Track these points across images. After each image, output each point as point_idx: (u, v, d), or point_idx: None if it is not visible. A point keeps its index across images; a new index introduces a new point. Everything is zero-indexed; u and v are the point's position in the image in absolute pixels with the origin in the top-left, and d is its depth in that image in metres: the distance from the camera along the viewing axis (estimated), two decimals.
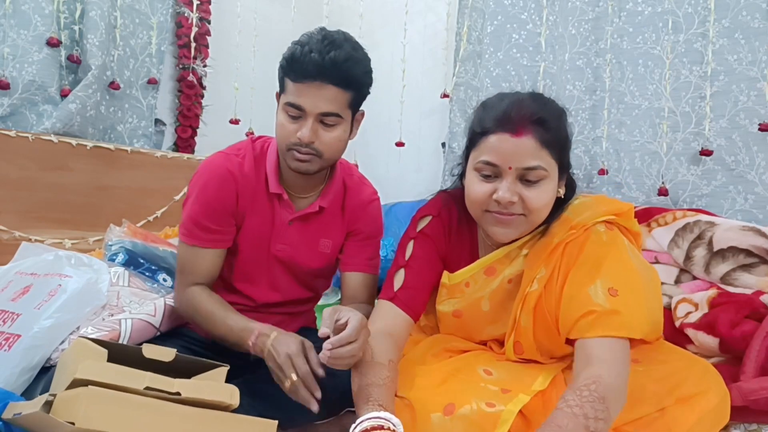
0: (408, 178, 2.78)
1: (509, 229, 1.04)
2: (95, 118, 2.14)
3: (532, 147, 0.98)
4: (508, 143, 0.98)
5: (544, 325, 1.04)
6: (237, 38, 2.64)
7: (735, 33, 1.87)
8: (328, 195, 1.27)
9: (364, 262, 1.32)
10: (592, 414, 0.83)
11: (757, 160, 1.84)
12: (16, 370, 1.17)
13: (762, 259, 1.59)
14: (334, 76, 1.09)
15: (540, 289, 1.04)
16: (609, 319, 0.95)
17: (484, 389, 0.98)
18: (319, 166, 1.18)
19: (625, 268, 1.01)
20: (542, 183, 1.00)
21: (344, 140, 1.19)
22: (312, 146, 1.14)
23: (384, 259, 2.14)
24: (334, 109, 1.12)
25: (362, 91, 1.18)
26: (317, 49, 1.08)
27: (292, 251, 1.27)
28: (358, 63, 1.13)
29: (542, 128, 0.98)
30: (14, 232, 1.83)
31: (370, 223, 1.33)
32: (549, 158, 1.00)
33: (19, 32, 1.97)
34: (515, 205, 1.00)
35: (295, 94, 1.11)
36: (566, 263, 1.03)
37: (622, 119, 2.07)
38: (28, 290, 1.32)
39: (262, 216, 1.24)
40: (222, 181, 1.21)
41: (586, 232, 1.04)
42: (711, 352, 1.39)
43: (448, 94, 2.46)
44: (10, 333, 1.20)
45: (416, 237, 1.17)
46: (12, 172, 1.86)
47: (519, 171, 0.99)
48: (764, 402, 1.16)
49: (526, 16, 2.24)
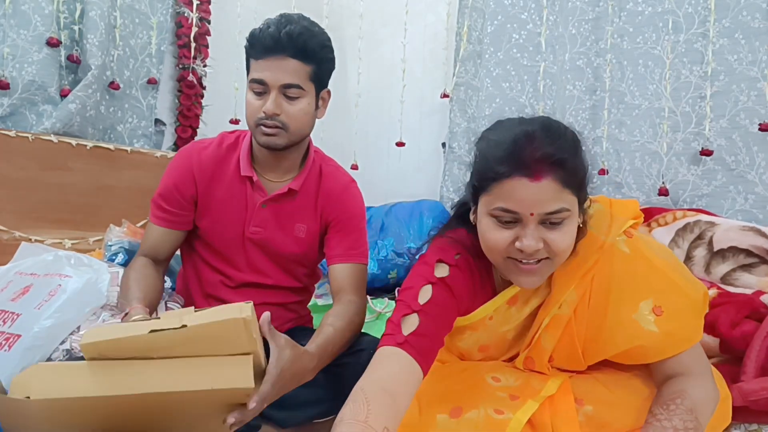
0: (408, 178, 2.78)
1: (535, 277, 0.95)
2: (95, 118, 2.14)
3: (553, 190, 0.89)
4: (526, 189, 0.88)
5: (567, 349, 1.01)
6: (237, 38, 2.63)
7: (735, 33, 1.87)
8: (300, 178, 1.29)
9: (347, 251, 1.30)
10: (681, 425, 0.86)
11: (757, 160, 1.84)
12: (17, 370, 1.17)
13: (762, 259, 1.59)
14: (292, 48, 1.16)
15: (569, 313, 0.99)
16: (664, 344, 0.95)
17: (493, 395, 0.97)
18: (287, 139, 1.21)
19: (657, 275, 0.98)
20: (566, 223, 0.92)
21: (309, 114, 1.23)
22: (277, 119, 1.18)
23: (384, 259, 2.16)
24: (294, 81, 1.17)
25: (323, 66, 1.22)
26: (274, 24, 1.17)
27: (266, 234, 1.29)
28: (315, 36, 1.19)
29: (561, 169, 0.89)
30: (14, 232, 1.82)
31: (347, 211, 1.33)
32: (571, 197, 0.91)
33: (19, 32, 1.97)
34: (540, 250, 0.92)
35: (258, 69, 1.18)
36: (597, 288, 0.99)
37: (623, 119, 2.07)
38: (28, 290, 1.32)
39: (235, 199, 1.28)
40: (178, 166, 1.29)
41: (610, 250, 0.99)
42: (711, 352, 1.39)
43: (448, 94, 2.45)
44: (10, 333, 1.21)
45: (436, 282, 0.99)
46: (12, 172, 1.86)
47: (542, 216, 0.90)
48: (765, 402, 1.16)
49: (527, 16, 2.24)
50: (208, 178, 1.28)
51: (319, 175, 1.33)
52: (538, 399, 0.95)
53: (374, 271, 2.11)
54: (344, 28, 2.89)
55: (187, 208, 1.28)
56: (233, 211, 1.29)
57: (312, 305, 2.02)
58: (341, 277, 1.27)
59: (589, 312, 0.99)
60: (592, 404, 0.96)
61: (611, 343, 0.97)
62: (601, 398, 0.98)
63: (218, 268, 1.31)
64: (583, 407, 0.96)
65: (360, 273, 1.30)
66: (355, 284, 1.27)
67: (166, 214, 1.28)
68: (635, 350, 0.96)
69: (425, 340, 0.92)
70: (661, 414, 0.87)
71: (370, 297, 2.03)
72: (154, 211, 1.29)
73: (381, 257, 2.13)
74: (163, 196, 1.28)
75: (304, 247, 1.32)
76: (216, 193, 1.28)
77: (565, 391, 0.99)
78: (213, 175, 1.28)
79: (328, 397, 1.16)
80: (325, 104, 1.29)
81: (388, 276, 2.14)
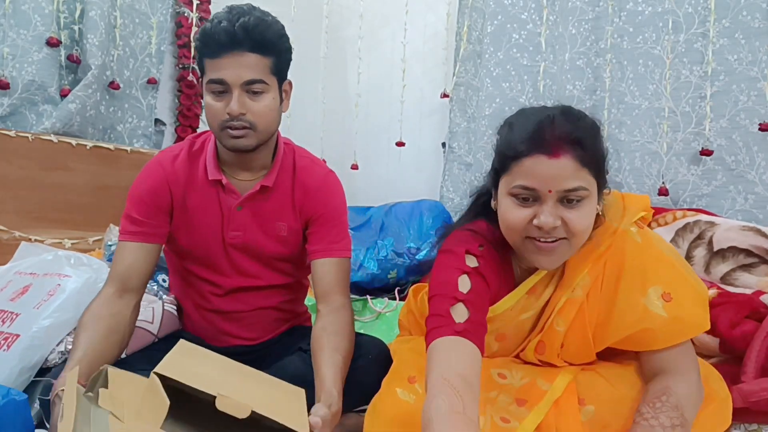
0: (408, 178, 2.78)
1: (553, 256, 0.96)
2: (95, 118, 2.14)
3: (571, 167, 0.91)
4: (545, 165, 0.91)
5: (579, 334, 1.02)
6: None
7: (735, 33, 1.87)
8: (272, 175, 1.23)
9: (329, 246, 1.25)
10: (669, 423, 0.87)
11: (757, 160, 1.84)
12: (15, 370, 1.17)
13: (762, 259, 1.59)
14: (249, 41, 1.09)
15: (582, 297, 1.01)
16: (672, 329, 0.96)
17: (498, 400, 0.98)
18: (257, 139, 1.15)
19: (667, 265, 1.01)
20: (584, 203, 0.93)
21: (275, 109, 1.17)
22: (244, 119, 1.12)
23: (384, 259, 2.16)
24: (257, 76, 1.11)
25: (282, 57, 1.17)
26: (226, 18, 1.09)
27: (247, 237, 1.24)
28: (270, 26, 1.12)
29: (580, 147, 0.92)
30: (14, 232, 1.83)
31: (327, 205, 1.27)
32: (589, 177, 0.93)
33: (19, 32, 1.97)
34: (557, 228, 0.93)
35: (215, 69, 1.11)
36: (609, 273, 1.01)
37: (623, 119, 2.07)
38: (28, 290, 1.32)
39: (207, 205, 1.23)
40: (151, 173, 1.22)
41: (622, 236, 1.02)
42: (711, 352, 1.39)
43: (448, 94, 2.45)
44: (9, 333, 1.21)
45: (470, 272, 1.00)
46: (12, 172, 1.86)
47: (560, 193, 0.92)
48: (765, 403, 1.16)
49: (527, 16, 2.24)
50: (182, 187, 1.22)
51: (293, 169, 1.27)
52: (543, 405, 0.96)
53: (374, 271, 2.10)
54: (344, 28, 2.89)
55: (162, 218, 1.21)
56: (209, 218, 1.23)
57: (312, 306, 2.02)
58: (326, 273, 1.22)
59: (600, 296, 1.00)
60: (594, 404, 0.97)
61: (621, 326, 0.98)
62: (602, 396, 0.99)
63: (205, 277, 1.27)
64: (585, 407, 0.97)
65: (344, 268, 1.25)
66: (341, 283, 1.23)
67: (141, 226, 1.19)
68: (643, 334, 0.97)
69: (478, 327, 0.93)
70: (648, 413, 0.89)
71: (370, 297, 2.03)
72: (127, 227, 1.19)
73: (381, 257, 2.13)
74: (136, 208, 1.19)
75: (289, 245, 1.28)
76: (190, 202, 1.23)
77: (570, 392, 0.99)
78: (186, 183, 1.22)
79: None
80: (288, 96, 1.23)
81: (387, 276, 2.13)
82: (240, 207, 1.23)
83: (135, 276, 1.17)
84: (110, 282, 1.16)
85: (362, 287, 2.10)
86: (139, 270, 1.17)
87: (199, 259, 1.26)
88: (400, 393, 1.01)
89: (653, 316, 0.95)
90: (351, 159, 2.69)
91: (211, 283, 1.27)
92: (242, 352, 1.29)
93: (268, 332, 1.34)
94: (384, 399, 1.02)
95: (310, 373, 1.11)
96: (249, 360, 1.31)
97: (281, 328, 1.37)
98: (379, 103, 2.85)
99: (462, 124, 2.41)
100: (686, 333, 0.98)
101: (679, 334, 0.97)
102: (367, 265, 2.11)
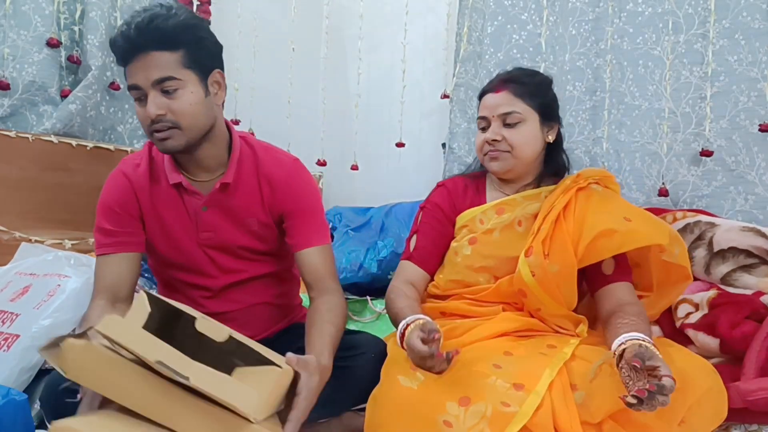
0: (408, 179, 2.77)
1: (499, 162, 1.34)
2: (95, 118, 2.14)
3: (508, 98, 1.33)
4: (491, 99, 1.35)
5: (560, 241, 1.23)
6: (237, 38, 2.63)
7: (735, 34, 1.87)
8: (231, 171, 1.21)
9: (312, 236, 1.24)
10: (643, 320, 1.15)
11: (757, 161, 1.84)
12: (15, 370, 1.18)
13: (762, 260, 1.59)
14: (148, 41, 1.07)
15: (560, 209, 1.27)
16: (631, 236, 1.20)
17: (497, 386, 1.03)
18: (185, 138, 1.12)
19: (630, 206, 1.33)
20: (520, 125, 1.33)
21: (198, 104, 1.12)
22: (165, 119, 1.09)
23: (384, 259, 2.16)
24: (165, 74, 1.08)
25: (194, 47, 1.12)
26: (126, 24, 1.08)
27: (219, 237, 1.23)
28: (168, 19, 1.08)
29: (516, 84, 1.34)
30: (14, 232, 1.83)
31: (298, 198, 1.25)
32: (524, 105, 1.33)
33: (19, 33, 1.98)
34: (501, 143, 1.33)
35: (129, 76, 1.10)
36: (580, 203, 1.27)
37: (623, 120, 2.07)
38: (28, 290, 1.33)
39: (174, 209, 1.22)
40: (116, 183, 1.22)
41: (588, 189, 1.31)
42: (711, 352, 1.39)
43: (448, 95, 2.45)
44: (9, 333, 1.21)
45: (424, 206, 1.45)
46: (12, 173, 1.86)
47: (500, 117, 1.33)
48: (764, 403, 1.16)
49: (527, 17, 2.24)
50: (148, 194, 1.21)
51: (255, 162, 1.25)
52: (540, 388, 1.02)
53: (374, 271, 2.10)
54: (344, 28, 2.89)
55: (135, 225, 1.21)
56: (179, 222, 1.22)
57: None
58: (312, 263, 1.22)
59: (574, 215, 1.26)
60: (585, 389, 1.03)
61: (592, 227, 1.21)
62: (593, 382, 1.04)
63: (192, 282, 1.27)
64: (577, 392, 1.03)
65: (328, 254, 1.26)
66: (328, 269, 1.23)
67: (115, 237, 1.18)
68: (609, 235, 1.19)
69: (424, 251, 1.39)
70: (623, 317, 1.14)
71: (370, 297, 2.03)
72: (100, 240, 1.18)
73: (381, 257, 2.13)
74: (107, 219, 1.19)
75: (264, 239, 1.27)
76: (158, 208, 1.22)
77: (563, 376, 1.05)
78: (151, 189, 1.21)
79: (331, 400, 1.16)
80: (221, 87, 1.19)
81: (388, 276, 2.13)
82: (205, 207, 1.22)
83: (122, 287, 1.17)
84: (99, 294, 1.15)
85: (362, 287, 2.10)
86: (123, 280, 1.17)
87: (181, 265, 1.25)
88: (402, 380, 1.03)
89: (619, 222, 1.21)
90: (351, 159, 2.69)
91: (199, 287, 1.27)
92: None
93: (265, 329, 1.34)
94: (386, 387, 1.04)
95: None
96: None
97: (279, 325, 1.37)
98: (379, 103, 2.84)
99: (462, 125, 2.41)
100: (641, 240, 1.21)
101: (643, 237, 1.21)
102: (368, 265, 2.11)
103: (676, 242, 1.26)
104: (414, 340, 1.05)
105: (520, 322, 1.26)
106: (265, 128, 2.59)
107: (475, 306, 1.32)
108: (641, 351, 0.97)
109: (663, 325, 1.52)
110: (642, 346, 0.99)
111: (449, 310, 1.35)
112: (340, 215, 2.43)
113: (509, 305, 1.31)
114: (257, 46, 2.65)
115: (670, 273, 1.31)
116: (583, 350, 1.14)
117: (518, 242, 1.30)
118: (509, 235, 1.34)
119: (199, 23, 1.14)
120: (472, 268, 1.34)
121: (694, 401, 1.00)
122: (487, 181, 1.45)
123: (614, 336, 1.07)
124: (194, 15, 1.16)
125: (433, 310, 1.36)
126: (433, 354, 1.01)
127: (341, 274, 2.07)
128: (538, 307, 1.25)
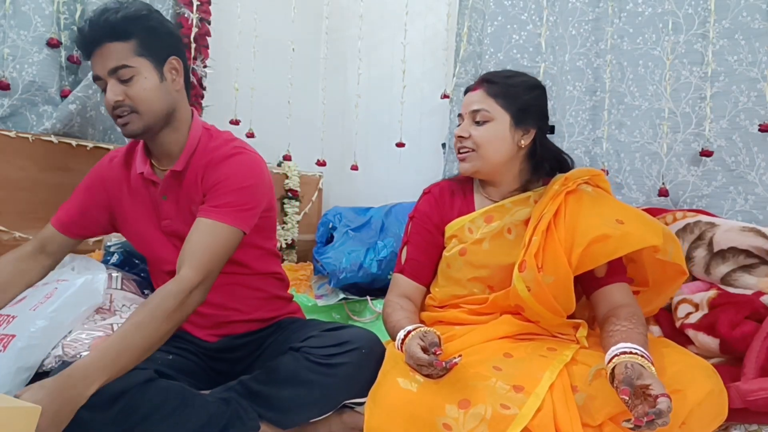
0: (408, 179, 2.77)
1: (467, 162, 1.34)
2: (95, 118, 2.14)
3: (480, 96, 1.34)
4: (468, 96, 1.37)
5: (552, 250, 1.20)
6: (237, 38, 2.63)
7: (735, 34, 1.87)
8: (183, 159, 1.25)
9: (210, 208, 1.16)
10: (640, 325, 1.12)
11: (757, 161, 1.84)
12: (12, 370, 1.17)
13: (762, 260, 1.59)
14: (100, 34, 1.14)
15: (550, 217, 1.24)
16: (624, 241, 1.17)
17: (496, 389, 1.02)
18: (143, 122, 1.19)
19: (622, 205, 1.31)
20: (488, 124, 1.32)
21: (153, 89, 1.18)
22: (124, 104, 1.16)
23: (384, 259, 2.15)
24: (117, 63, 1.15)
25: (146, 36, 1.17)
26: (84, 22, 1.17)
27: (175, 225, 1.27)
28: (118, 11, 1.15)
29: (490, 83, 1.34)
30: (14, 232, 1.82)
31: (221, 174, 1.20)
32: (495, 105, 1.32)
33: (19, 33, 1.97)
34: (467, 140, 1.33)
35: (92, 68, 1.18)
36: (571, 208, 1.25)
37: (623, 120, 2.07)
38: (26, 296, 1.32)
39: (140, 200, 1.29)
40: (90, 175, 1.35)
41: (578, 191, 1.28)
42: (711, 353, 1.38)
43: (448, 95, 2.45)
44: (4, 334, 1.21)
45: (412, 217, 1.45)
46: (12, 173, 1.85)
47: (471, 114, 1.33)
48: (763, 403, 1.16)
49: (527, 17, 2.24)
50: (118, 186, 1.29)
51: (206, 151, 1.27)
52: (540, 390, 1.01)
53: (374, 271, 2.10)
54: (344, 28, 2.89)
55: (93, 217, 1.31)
56: (145, 211, 1.28)
57: (312, 306, 2.02)
58: (191, 236, 1.13)
59: (564, 222, 1.23)
60: (585, 391, 1.03)
61: (584, 234, 1.18)
62: (593, 384, 1.04)
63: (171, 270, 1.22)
64: (577, 393, 1.03)
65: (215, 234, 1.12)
66: (200, 252, 1.09)
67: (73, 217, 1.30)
68: (603, 240, 1.17)
69: (415, 263, 1.40)
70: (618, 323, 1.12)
71: (370, 297, 2.03)
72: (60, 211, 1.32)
73: (381, 257, 2.13)
74: (73, 200, 1.32)
75: None
76: (128, 200, 1.29)
77: (563, 378, 1.05)
78: (122, 181, 1.29)
79: (325, 397, 1.16)
80: (179, 74, 1.24)
81: (387, 276, 2.13)
82: (165, 196, 1.26)
83: (56, 243, 1.28)
84: (31, 242, 1.28)
85: (362, 288, 2.10)
86: (62, 241, 1.29)
87: (160, 259, 1.29)
88: (401, 382, 1.03)
89: (611, 226, 1.18)
90: (351, 159, 2.69)
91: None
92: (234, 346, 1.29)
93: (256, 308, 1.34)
94: (385, 388, 1.04)
95: (303, 373, 1.11)
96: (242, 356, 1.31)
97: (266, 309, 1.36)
98: (379, 103, 2.84)
99: None
100: (635, 244, 1.18)
101: (635, 241, 1.18)
102: (368, 265, 2.10)
103: (669, 241, 1.25)
104: (414, 348, 1.05)
105: (519, 326, 1.25)
106: (265, 128, 2.59)
107: (473, 315, 1.32)
108: (627, 375, 0.94)
109: (663, 325, 1.52)
110: (628, 366, 0.96)
111: (447, 320, 1.34)
112: (340, 215, 2.43)
113: (508, 313, 1.30)
114: (257, 46, 2.65)
115: (665, 269, 1.31)
116: (583, 354, 1.14)
117: (509, 250, 1.29)
118: (499, 243, 1.33)
119: (150, 14, 1.19)
120: (465, 280, 1.34)
121: (694, 404, 0.99)
122: (474, 186, 1.44)
123: (606, 346, 1.06)
124: (146, 6, 1.21)
125: (431, 319, 1.36)
126: (432, 363, 1.01)
127: (341, 274, 2.07)
128: (537, 319, 1.25)
